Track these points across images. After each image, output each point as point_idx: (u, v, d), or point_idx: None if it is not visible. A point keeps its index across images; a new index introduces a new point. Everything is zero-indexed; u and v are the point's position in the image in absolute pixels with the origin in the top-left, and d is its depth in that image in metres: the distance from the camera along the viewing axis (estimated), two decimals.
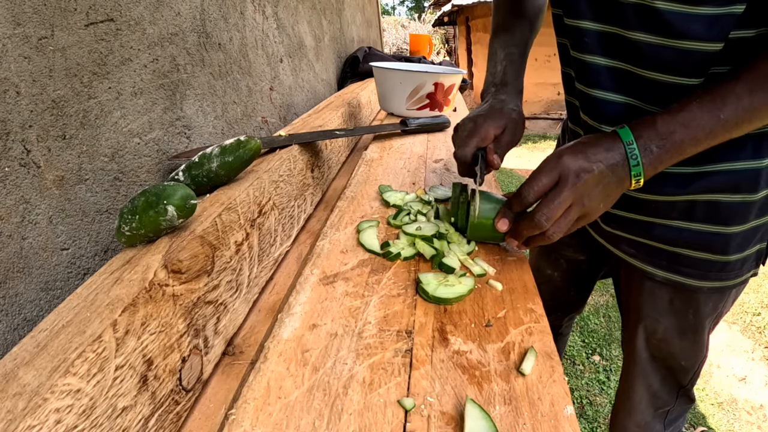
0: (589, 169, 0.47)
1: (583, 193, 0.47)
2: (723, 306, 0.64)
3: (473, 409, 0.33)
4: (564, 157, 0.48)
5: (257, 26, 0.91)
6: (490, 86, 0.69)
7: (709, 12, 0.46)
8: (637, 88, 0.54)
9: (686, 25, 0.47)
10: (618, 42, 0.53)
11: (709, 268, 0.60)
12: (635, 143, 0.47)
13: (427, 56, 3.05)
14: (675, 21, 0.47)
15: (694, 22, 0.46)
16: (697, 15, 0.46)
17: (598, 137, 0.50)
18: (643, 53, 0.51)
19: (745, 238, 0.58)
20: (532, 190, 0.49)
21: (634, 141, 0.47)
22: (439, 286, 0.48)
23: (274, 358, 0.40)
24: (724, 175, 0.54)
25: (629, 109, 0.56)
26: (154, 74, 0.58)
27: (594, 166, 0.47)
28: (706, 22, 0.46)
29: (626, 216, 0.63)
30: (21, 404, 0.23)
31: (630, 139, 0.47)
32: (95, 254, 0.49)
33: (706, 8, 0.45)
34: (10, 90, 0.39)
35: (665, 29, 0.48)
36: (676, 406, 0.75)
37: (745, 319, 2.10)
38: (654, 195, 0.59)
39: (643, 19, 0.49)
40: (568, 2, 0.56)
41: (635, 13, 0.50)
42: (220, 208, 0.44)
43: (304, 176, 0.68)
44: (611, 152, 0.48)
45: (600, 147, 0.48)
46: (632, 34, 0.51)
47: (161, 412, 0.33)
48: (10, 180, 0.39)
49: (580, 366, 1.81)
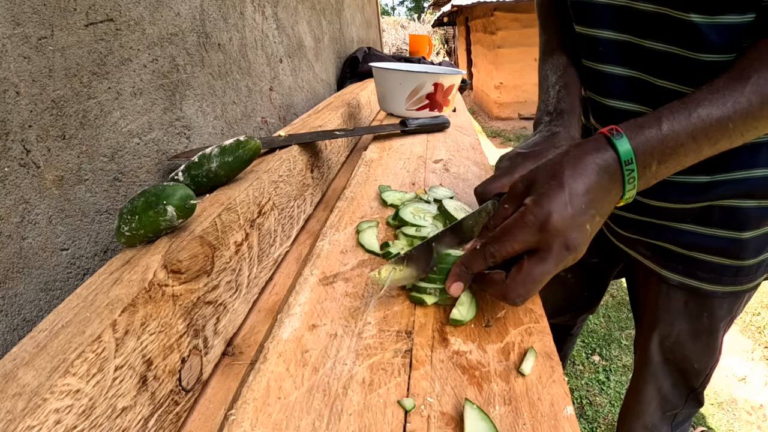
0: (582, 229, 0.38)
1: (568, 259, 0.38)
2: (737, 309, 0.64)
3: (472, 410, 0.33)
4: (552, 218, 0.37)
5: (257, 26, 0.91)
6: (543, 115, 0.59)
7: (726, 21, 0.45)
8: (651, 97, 0.53)
9: (706, 35, 0.46)
10: (632, 51, 0.52)
11: (723, 273, 0.59)
12: (635, 163, 0.39)
13: (427, 57, 3.05)
14: (693, 30, 0.46)
15: (711, 32, 0.45)
16: (715, 24, 0.45)
17: (594, 161, 0.39)
18: (656, 62, 0.51)
19: (761, 242, 0.57)
20: (500, 252, 0.39)
21: (634, 160, 0.39)
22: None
23: (274, 359, 0.40)
24: (739, 183, 0.54)
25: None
26: (153, 74, 0.58)
27: (587, 222, 0.38)
28: (722, 31, 0.45)
29: (641, 219, 0.63)
30: (20, 404, 0.23)
31: (630, 158, 0.39)
32: (95, 254, 0.49)
33: (725, 18, 0.45)
34: (10, 90, 0.39)
35: (682, 38, 0.48)
36: (684, 409, 0.74)
37: (744, 319, 2.10)
38: (667, 203, 0.58)
39: (660, 28, 0.49)
40: (583, 10, 0.55)
41: (654, 21, 0.49)
42: (219, 209, 0.44)
43: (303, 176, 0.68)
44: (608, 186, 0.39)
45: (597, 183, 0.39)
46: (647, 42, 0.50)
47: (161, 412, 0.33)
48: (10, 180, 0.39)
49: (580, 366, 1.81)
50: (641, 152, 0.39)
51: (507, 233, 0.39)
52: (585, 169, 0.39)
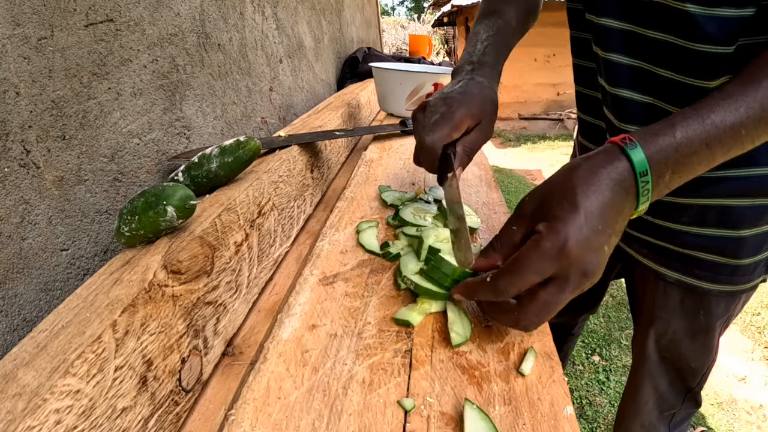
0: (600, 252, 0.36)
1: (585, 285, 0.36)
2: (734, 309, 0.64)
3: (472, 410, 0.33)
4: (569, 245, 0.34)
5: (257, 27, 0.91)
6: (465, 64, 0.58)
7: (724, 14, 0.45)
8: (654, 87, 0.53)
9: (702, 26, 0.46)
10: (635, 40, 0.52)
11: (720, 271, 0.59)
12: (650, 173, 0.37)
13: (427, 57, 3.06)
14: (692, 21, 0.46)
15: (708, 24, 0.46)
16: (712, 16, 0.45)
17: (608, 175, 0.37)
18: (657, 52, 0.51)
19: (758, 242, 0.57)
20: (515, 287, 0.36)
21: (649, 171, 0.37)
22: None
23: (274, 359, 0.40)
24: (739, 181, 0.54)
25: (652, 109, 0.54)
26: (153, 75, 0.58)
27: (605, 243, 0.36)
28: (720, 23, 0.45)
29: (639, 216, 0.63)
30: (21, 405, 0.23)
31: (645, 169, 0.37)
32: (95, 255, 0.49)
33: (722, 10, 0.45)
34: (10, 90, 0.39)
35: (680, 29, 0.48)
36: (682, 409, 0.74)
37: (744, 319, 2.10)
38: (667, 196, 0.58)
39: (659, 17, 0.49)
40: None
41: (653, 11, 0.49)
42: (219, 209, 0.44)
43: (303, 177, 0.68)
44: (623, 201, 0.37)
45: (611, 199, 0.36)
46: (650, 32, 0.51)
47: (161, 412, 0.33)
48: (10, 180, 0.39)
49: (580, 366, 1.81)
50: (656, 162, 0.37)
51: (521, 265, 0.36)
52: (599, 185, 0.36)
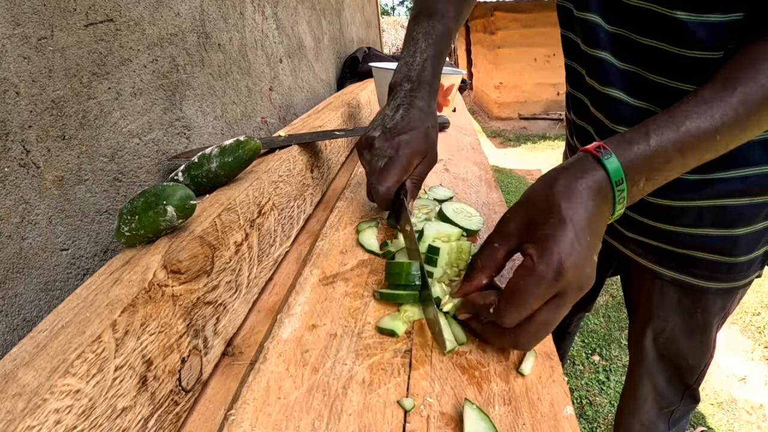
0: (591, 263, 0.36)
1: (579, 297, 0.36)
2: (730, 306, 0.65)
3: (471, 410, 0.33)
4: (566, 265, 0.34)
5: (257, 26, 0.91)
6: (403, 81, 0.58)
7: (713, 20, 0.45)
8: (650, 92, 0.53)
9: (693, 32, 0.46)
10: (627, 45, 0.53)
11: (716, 269, 0.60)
12: (625, 182, 0.38)
13: None
14: (680, 28, 0.47)
15: (698, 30, 0.46)
16: (701, 22, 0.46)
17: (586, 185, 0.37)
18: (649, 57, 0.51)
19: (753, 239, 0.58)
20: (516, 317, 0.35)
21: (624, 180, 0.38)
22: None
23: (274, 359, 0.40)
24: (734, 182, 0.54)
25: (647, 114, 0.53)
26: (153, 75, 0.58)
27: (594, 254, 0.36)
28: (709, 29, 0.46)
29: (634, 217, 0.63)
30: (20, 405, 0.23)
31: (620, 177, 0.37)
32: (95, 255, 0.49)
33: (710, 16, 0.45)
34: (10, 90, 0.39)
35: (670, 35, 0.48)
36: (680, 406, 0.75)
37: (744, 319, 2.11)
38: (666, 200, 0.58)
39: (649, 24, 0.49)
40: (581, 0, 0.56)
41: (643, 17, 0.49)
42: (219, 209, 0.44)
43: (303, 177, 0.68)
44: (602, 208, 0.37)
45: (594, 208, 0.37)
46: (641, 38, 0.51)
47: (161, 412, 0.33)
48: (10, 180, 0.39)
49: (580, 366, 1.81)
50: (630, 170, 0.38)
51: (522, 296, 0.34)
52: (581, 197, 0.36)
